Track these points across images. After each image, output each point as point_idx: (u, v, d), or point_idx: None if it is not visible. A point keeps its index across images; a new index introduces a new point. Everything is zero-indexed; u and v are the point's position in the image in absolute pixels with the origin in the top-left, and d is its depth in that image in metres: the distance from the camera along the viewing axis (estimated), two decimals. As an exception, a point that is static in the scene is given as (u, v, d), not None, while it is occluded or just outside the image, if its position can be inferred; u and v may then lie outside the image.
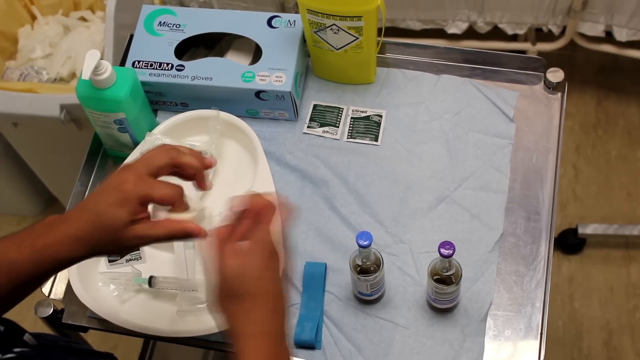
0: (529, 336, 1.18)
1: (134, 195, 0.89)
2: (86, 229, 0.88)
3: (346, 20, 1.27)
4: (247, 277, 0.87)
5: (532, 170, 1.32)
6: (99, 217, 0.88)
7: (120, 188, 0.89)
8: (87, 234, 0.89)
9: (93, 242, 0.89)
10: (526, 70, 1.42)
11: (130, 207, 0.89)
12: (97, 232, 0.88)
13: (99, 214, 0.89)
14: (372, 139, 1.36)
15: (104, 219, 0.88)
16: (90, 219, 0.89)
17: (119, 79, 1.26)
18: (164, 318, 1.20)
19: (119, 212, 0.88)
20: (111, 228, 0.88)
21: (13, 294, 0.90)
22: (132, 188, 0.89)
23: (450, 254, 1.06)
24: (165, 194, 0.91)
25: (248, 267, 0.87)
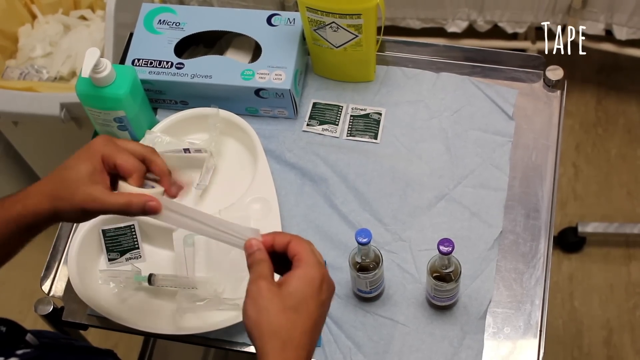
0: (529, 333, 1.18)
1: (98, 152, 0.94)
2: (50, 182, 0.93)
3: (345, 18, 1.27)
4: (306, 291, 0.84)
5: (532, 167, 1.33)
6: (63, 169, 0.93)
7: (89, 146, 0.95)
8: (50, 187, 0.92)
9: (54, 194, 0.92)
10: (526, 68, 1.42)
11: (93, 162, 0.93)
12: (58, 184, 0.92)
13: (64, 167, 0.93)
14: (371, 136, 1.37)
15: (67, 171, 0.93)
16: (56, 172, 0.93)
17: (118, 77, 1.26)
18: (164, 316, 1.20)
19: (80, 165, 0.93)
20: (71, 180, 0.92)
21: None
22: (98, 147, 0.95)
23: (450, 251, 1.06)
24: (127, 161, 0.96)
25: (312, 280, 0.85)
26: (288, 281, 0.84)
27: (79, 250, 1.23)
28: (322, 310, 0.85)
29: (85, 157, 0.94)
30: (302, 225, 1.29)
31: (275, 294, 0.82)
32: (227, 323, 1.16)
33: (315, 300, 0.83)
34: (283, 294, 0.83)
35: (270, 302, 0.82)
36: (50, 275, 1.30)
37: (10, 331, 0.90)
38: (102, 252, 1.26)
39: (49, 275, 1.30)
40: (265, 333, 0.81)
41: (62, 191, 0.92)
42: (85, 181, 0.92)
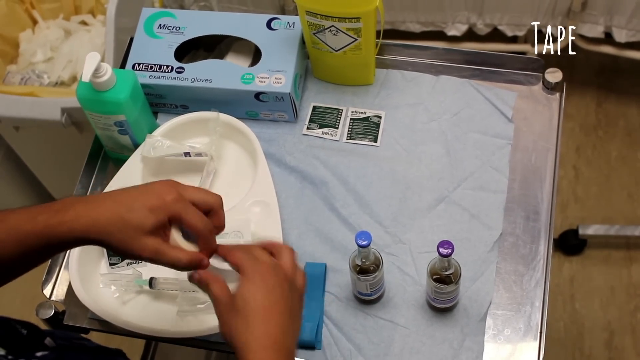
0: (529, 335, 1.19)
1: (167, 210, 0.89)
2: (109, 217, 0.88)
3: (345, 21, 1.28)
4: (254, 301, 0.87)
5: (531, 170, 1.33)
6: (129, 212, 0.88)
7: (161, 196, 0.90)
8: (108, 222, 0.88)
9: (110, 230, 0.88)
10: (525, 70, 1.42)
11: (159, 218, 0.89)
12: (119, 225, 0.88)
13: (130, 209, 0.88)
14: (371, 139, 1.37)
15: (133, 215, 0.88)
16: (118, 210, 0.88)
17: (119, 81, 1.26)
18: (165, 319, 1.21)
19: (146, 216, 0.88)
20: (132, 226, 0.88)
21: (20, 263, 0.90)
22: (169, 202, 0.89)
23: (449, 253, 1.06)
24: (196, 223, 0.92)
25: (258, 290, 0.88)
26: (237, 293, 0.88)
27: (80, 254, 1.23)
28: (274, 293, 0.88)
29: (153, 208, 0.89)
30: (302, 228, 1.29)
31: (229, 310, 0.87)
32: (228, 326, 1.16)
33: (273, 296, 0.88)
34: (236, 307, 0.87)
35: (227, 314, 0.87)
36: (51, 279, 1.30)
37: (31, 334, 0.90)
38: (103, 256, 1.27)
39: (50, 279, 1.30)
40: (232, 337, 0.87)
41: (120, 233, 0.88)
42: (147, 233, 0.88)
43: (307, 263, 1.26)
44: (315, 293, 1.23)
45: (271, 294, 0.88)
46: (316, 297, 1.22)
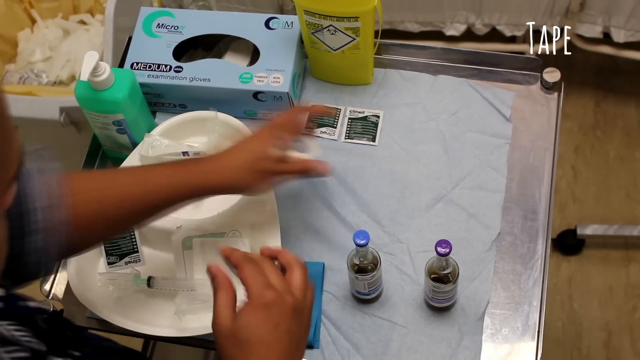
0: (527, 334, 1.19)
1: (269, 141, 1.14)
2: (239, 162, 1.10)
3: (343, 21, 1.28)
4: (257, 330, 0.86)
5: (529, 169, 1.33)
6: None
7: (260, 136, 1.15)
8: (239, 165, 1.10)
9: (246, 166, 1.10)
10: (523, 70, 1.43)
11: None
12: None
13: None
14: (369, 139, 1.37)
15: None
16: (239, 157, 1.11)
17: (117, 81, 1.27)
18: (163, 318, 1.21)
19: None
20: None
21: (168, 209, 1.08)
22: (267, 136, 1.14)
23: (447, 252, 1.06)
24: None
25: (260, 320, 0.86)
26: (239, 315, 0.86)
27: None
28: (278, 329, 0.86)
29: (268, 140, 1.13)
30: (300, 227, 1.29)
31: (227, 330, 0.85)
32: (226, 325, 1.16)
33: (268, 326, 0.85)
34: (235, 328, 0.85)
35: (228, 341, 0.85)
36: (49, 277, 1.30)
37: (75, 334, 0.90)
38: (100, 255, 1.26)
39: (48, 277, 1.30)
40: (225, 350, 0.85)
41: (247, 174, 1.10)
42: (267, 159, 1.12)
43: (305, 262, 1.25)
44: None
45: (275, 330, 0.85)
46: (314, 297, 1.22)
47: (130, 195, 1.05)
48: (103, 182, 1.06)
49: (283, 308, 0.86)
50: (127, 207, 1.05)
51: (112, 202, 1.04)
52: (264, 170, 1.11)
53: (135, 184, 1.06)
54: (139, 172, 1.11)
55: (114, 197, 1.04)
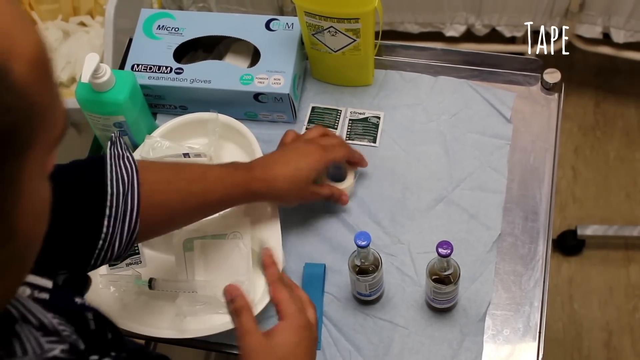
0: (528, 335, 1.19)
1: (323, 164, 1.21)
2: (285, 175, 1.17)
3: (344, 22, 1.28)
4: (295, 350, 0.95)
5: (530, 170, 1.33)
6: (298, 170, 1.18)
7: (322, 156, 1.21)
8: (284, 179, 1.16)
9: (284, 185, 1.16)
10: (523, 71, 1.43)
11: (319, 172, 1.21)
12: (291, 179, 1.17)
13: (298, 167, 1.18)
14: (370, 140, 1.37)
15: (302, 173, 1.18)
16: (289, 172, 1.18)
17: (118, 82, 1.27)
18: (165, 320, 1.21)
19: (312, 172, 1.19)
20: (305, 181, 1.19)
21: (221, 207, 1.16)
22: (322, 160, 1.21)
23: (448, 253, 1.06)
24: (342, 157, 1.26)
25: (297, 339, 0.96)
26: (276, 333, 0.96)
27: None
28: (310, 353, 0.97)
29: (313, 166, 1.19)
30: (301, 228, 1.29)
31: (264, 347, 0.94)
32: (228, 326, 1.16)
33: (302, 347, 0.96)
34: (272, 345, 0.95)
35: (261, 349, 0.94)
36: (50, 280, 1.30)
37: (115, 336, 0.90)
38: (102, 257, 1.26)
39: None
40: None
41: (293, 185, 1.17)
42: (312, 183, 1.20)
43: (306, 264, 1.26)
44: (314, 294, 1.22)
45: (306, 349, 0.96)
46: (315, 298, 1.22)
47: (189, 192, 1.09)
48: (169, 174, 1.09)
49: (310, 331, 0.98)
50: (187, 202, 1.09)
51: (175, 196, 1.08)
52: (307, 190, 1.20)
53: (195, 180, 1.10)
54: (198, 169, 1.13)
55: (177, 192, 1.08)
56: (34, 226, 0.57)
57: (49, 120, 0.55)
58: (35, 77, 0.52)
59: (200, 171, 1.12)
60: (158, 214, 1.06)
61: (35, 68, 0.53)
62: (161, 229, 1.12)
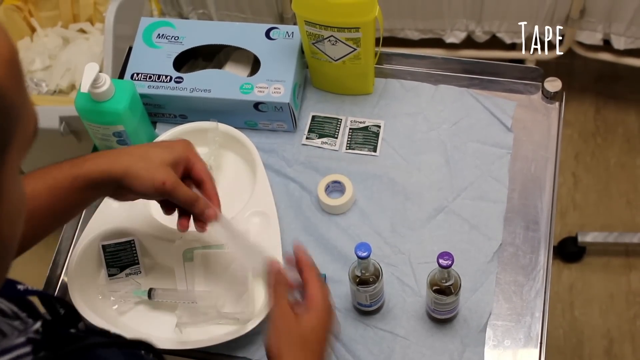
0: (529, 346, 1.18)
1: (185, 151, 1.08)
2: (131, 153, 1.04)
3: (344, 31, 1.28)
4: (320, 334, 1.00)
5: (531, 179, 1.33)
6: (151, 147, 1.07)
7: (176, 143, 1.10)
8: (130, 157, 1.03)
9: (132, 163, 1.02)
10: (524, 80, 1.42)
11: (178, 156, 1.06)
12: (143, 156, 1.03)
13: (151, 146, 1.08)
14: (370, 149, 1.37)
15: (154, 149, 1.05)
16: (138, 149, 1.06)
17: (117, 92, 1.26)
18: (164, 330, 1.20)
19: (169, 152, 1.06)
20: (157, 158, 1.03)
21: (53, 210, 1.01)
22: (185, 147, 1.09)
23: (449, 264, 1.06)
24: (202, 170, 1.10)
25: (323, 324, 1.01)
26: (303, 311, 1.00)
27: (79, 265, 1.23)
28: (328, 338, 1.02)
29: (174, 149, 1.06)
30: (302, 238, 1.29)
31: (291, 318, 0.99)
32: (228, 337, 1.16)
33: (323, 329, 1.01)
34: (298, 320, 0.99)
35: (289, 324, 0.99)
36: (50, 289, 1.30)
37: (68, 314, 0.91)
38: (101, 267, 1.26)
39: (48, 289, 1.30)
40: (283, 345, 0.97)
41: (145, 162, 1.02)
42: (169, 165, 1.04)
43: None
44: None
45: (328, 333, 1.02)
46: None
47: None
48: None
49: (332, 317, 1.03)
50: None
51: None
52: (162, 171, 1.03)
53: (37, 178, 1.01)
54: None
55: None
56: (11, 228, 0.59)
57: (23, 121, 0.56)
58: (11, 78, 0.54)
59: (22, 176, 1.01)
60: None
61: (10, 70, 0.54)
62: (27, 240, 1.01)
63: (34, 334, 0.68)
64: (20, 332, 0.67)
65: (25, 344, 0.65)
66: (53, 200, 1.01)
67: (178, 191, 1.04)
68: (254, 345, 1.20)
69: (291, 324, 0.99)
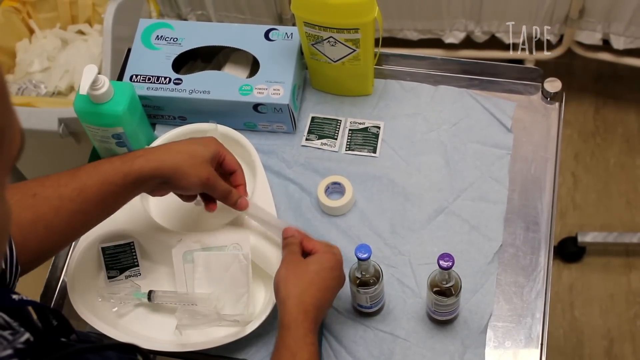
0: (530, 347, 1.18)
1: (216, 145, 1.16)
2: (174, 157, 1.09)
3: (343, 32, 1.27)
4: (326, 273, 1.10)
5: (531, 180, 1.32)
6: (193, 144, 1.13)
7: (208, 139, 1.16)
8: (174, 159, 1.09)
9: (178, 162, 1.09)
10: (523, 80, 1.42)
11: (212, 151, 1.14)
12: (189, 155, 1.10)
13: (192, 143, 1.14)
14: (370, 150, 1.36)
15: (196, 146, 1.12)
16: (178, 147, 1.12)
17: (116, 94, 1.26)
18: (164, 333, 1.20)
19: (207, 149, 1.13)
20: (200, 156, 1.11)
21: (102, 205, 1.07)
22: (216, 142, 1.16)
23: (450, 266, 1.05)
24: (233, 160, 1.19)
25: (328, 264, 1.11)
26: (310, 257, 1.11)
27: (78, 268, 1.22)
28: (334, 281, 1.10)
29: (209, 145, 1.13)
30: (302, 240, 1.29)
31: (300, 260, 1.11)
32: (228, 339, 1.16)
33: (330, 272, 1.10)
34: (307, 261, 1.10)
35: (296, 267, 1.09)
36: (49, 292, 1.30)
37: (60, 325, 0.91)
38: (101, 269, 1.26)
39: (48, 292, 1.30)
40: (291, 284, 1.06)
41: (191, 159, 1.10)
42: (208, 162, 1.12)
43: None
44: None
45: (334, 279, 1.11)
46: None
47: (60, 196, 1.03)
48: (33, 186, 1.03)
49: (338, 262, 1.12)
50: (62, 208, 1.02)
51: (45, 207, 1.02)
52: (205, 169, 1.11)
53: (64, 181, 1.04)
54: (70, 171, 1.06)
55: (45, 201, 1.02)
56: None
57: (7, 141, 0.56)
58: None
59: (71, 172, 1.05)
60: (33, 232, 1.00)
61: None
62: (49, 248, 1.06)
63: (22, 344, 0.68)
64: (8, 343, 0.68)
65: (12, 356, 0.66)
66: (104, 195, 1.05)
67: (218, 185, 1.14)
68: (253, 347, 1.20)
69: (299, 263, 1.10)
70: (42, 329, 0.83)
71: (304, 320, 1.03)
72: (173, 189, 1.14)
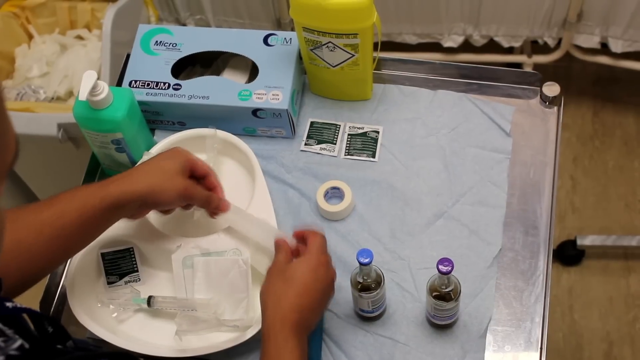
0: (529, 351, 1.18)
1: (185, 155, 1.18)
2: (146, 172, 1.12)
3: (342, 37, 1.28)
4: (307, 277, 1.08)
5: (530, 184, 1.33)
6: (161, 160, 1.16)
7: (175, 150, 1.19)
8: (147, 175, 1.12)
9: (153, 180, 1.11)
10: (522, 84, 1.42)
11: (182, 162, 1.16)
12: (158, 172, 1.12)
13: (161, 159, 1.16)
14: (369, 155, 1.37)
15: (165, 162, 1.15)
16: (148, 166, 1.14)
17: (116, 100, 1.26)
18: (163, 338, 1.20)
19: (176, 162, 1.15)
20: (170, 170, 1.13)
21: (82, 230, 1.08)
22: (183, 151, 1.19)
23: (449, 270, 1.05)
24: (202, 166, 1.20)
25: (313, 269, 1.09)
26: (292, 263, 1.10)
27: (78, 273, 1.22)
28: (317, 282, 1.08)
29: (176, 157, 1.15)
30: (301, 244, 1.29)
31: (280, 271, 1.09)
32: (227, 345, 1.16)
33: (310, 274, 1.08)
34: (289, 267, 1.09)
35: (275, 276, 1.09)
36: (49, 297, 1.30)
37: (56, 332, 0.91)
38: (100, 275, 1.26)
39: (48, 297, 1.30)
40: (269, 295, 1.07)
41: (162, 175, 1.12)
42: (180, 174, 1.14)
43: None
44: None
45: (317, 281, 1.08)
46: None
47: (41, 221, 1.03)
48: (14, 212, 1.02)
49: (327, 269, 1.10)
50: (42, 232, 1.03)
51: (25, 231, 1.02)
52: (180, 181, 1.14)
53: (45, 206, 1.05)
54: (50, 197, 1.07)
55: (26, 226, 1.02)
56: None
57: (2, 145, 0.56)
58: None
59: (50, 198, 1.06)
60: (14, 258, 0.98)
61: None
62: (29, 274, 1.04)
63: (15, 350, 0.68)
64: (0, 350, 0.68)
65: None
66: (82, 219, 1.06)
67: (196, 193, 1.16)
68: (253, 352, 1.20)
69: (280, 271, 1.09)
70: (38, 336, 0.83)
71: (282, 327, 1.03)
72: (153, 208, 1.16)
